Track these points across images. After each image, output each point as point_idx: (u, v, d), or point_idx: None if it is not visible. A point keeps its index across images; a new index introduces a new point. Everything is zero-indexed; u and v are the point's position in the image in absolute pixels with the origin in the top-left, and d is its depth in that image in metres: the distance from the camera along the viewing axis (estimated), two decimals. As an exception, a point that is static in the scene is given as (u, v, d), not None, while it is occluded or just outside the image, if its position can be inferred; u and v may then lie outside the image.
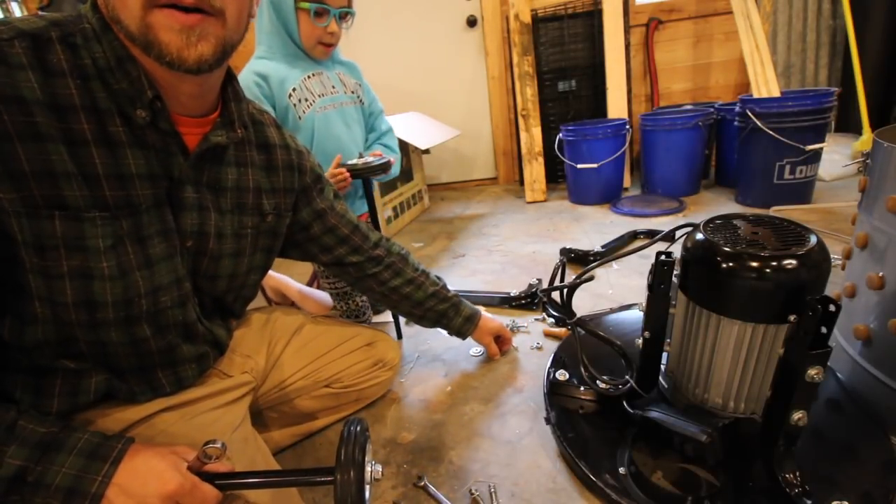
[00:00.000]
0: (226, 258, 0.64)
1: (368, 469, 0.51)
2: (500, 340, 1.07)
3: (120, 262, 0.50)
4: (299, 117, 1.04)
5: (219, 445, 0.47)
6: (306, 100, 1.05)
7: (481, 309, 1.05)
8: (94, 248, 0.48)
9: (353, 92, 1.14)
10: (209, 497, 0.50)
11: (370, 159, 1.02)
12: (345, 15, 1.04)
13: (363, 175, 1.02)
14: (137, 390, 0.59)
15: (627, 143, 2.08)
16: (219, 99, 0.60)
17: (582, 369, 0.85)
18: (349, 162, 1.03)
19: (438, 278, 0.98)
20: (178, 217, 0.57)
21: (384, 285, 0.89)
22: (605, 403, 0.82)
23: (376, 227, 1.12)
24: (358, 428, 0.52)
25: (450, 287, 1.45)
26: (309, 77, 1.06)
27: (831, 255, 0.61)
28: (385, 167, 1.03)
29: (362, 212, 1.21)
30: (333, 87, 1.11)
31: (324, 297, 1.33)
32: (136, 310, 0.53)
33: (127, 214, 0.51)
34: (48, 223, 0.46)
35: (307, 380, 0.83)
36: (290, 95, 1.03)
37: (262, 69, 1.03)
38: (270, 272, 1.47)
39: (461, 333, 1.00)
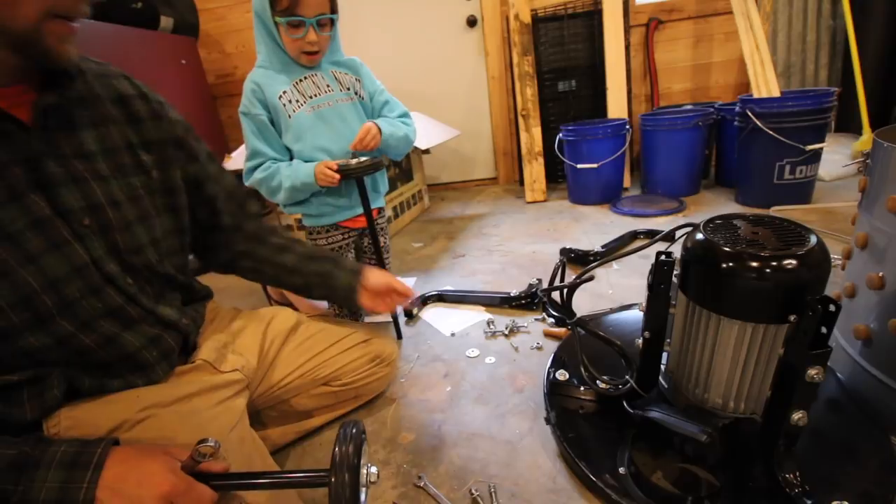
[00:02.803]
0: (136, 225, 0.61)
1: (364, 472, 0.51)
2: (394, 296, 0.89)
3: None
4: (289, 116, 1.06)
5: (212, 444, 0.47)
6: (297, 101, 1.07)
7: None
8: None
9: (349, 88, 1.14)
10: (205, 497, 0.49)
11: (363, 159, 1.03)
12: (324, 22, 1.03)
13: (356, 174, 1.02)
14: (104, 385, 0.58)
15: (627, 143, 2.07)
16: None
17: (582, 369, 0.85)
18: (341, 161, 1.03)
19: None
20: (56, 197, 0.52)
21: (256, 260, 0.83)
22: (605, 403, 0.82)
23: (371, 228, 1.12)
24: (354, 430, 0.52)
25: (450, 287, 1.46)
26: (301, 80, 1.08)
27: (831, 255, 0.61)
28: (377, 166, 1.04)
29: (376, 205, 1.22)
30: (328, 86, 1.11)
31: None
32: (41, 308, 0.51)
33: None
34: None
35: (305, 378, 0.83)
36: (281, 97, 1.06)
37: (257, 77, 1.06)
38: None
39: (350, 292, 0.84)
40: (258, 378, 0.78)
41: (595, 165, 2.04)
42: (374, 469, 0.52)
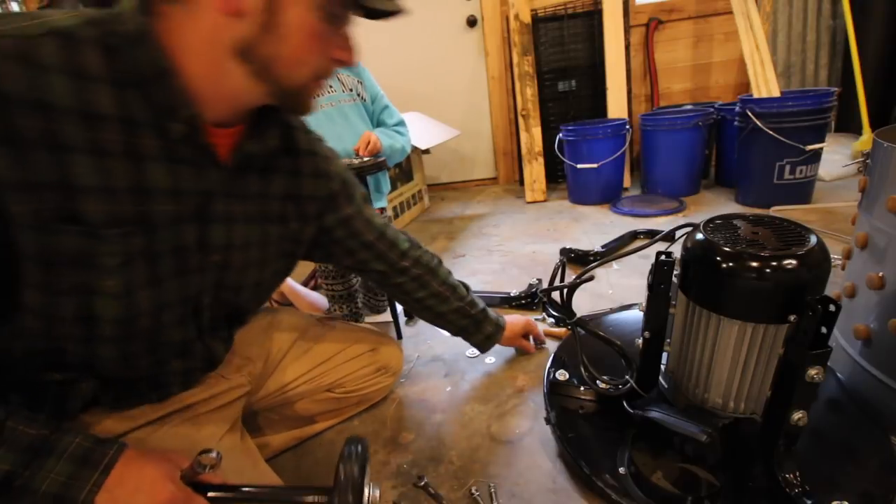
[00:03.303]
0: (251, 268, 0.61)
1: (367, 491, 0.49)
2: (529, 336, 1.06)
3: (127, 280, 0.47)
4: None
5: (213, 455, 0.46)
6: None
7: (505, 318, 1.02)
8: (103, 266, 0.45)
9: (351, 90, 1.16)
10: None
11: (365, 159, 1.03)
12: None
13: (359, 174, 1.03)
14: (122, 398, 0.58)
15: (627, 143, 2.07)
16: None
17: (582, 369, 0.85)
18: (345, 160, 1.04)
19: (467, 290, 0.94)
20: (206, 231, 0.53)
21: (408, 295, 0.88)
22: (605, 403, 0.82)
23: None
24: (359, 448, 0.50)
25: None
26: None
27: (831, 255, 0.61)
28: (380, 165, 1.04)
29: (379, 205, 1.23)
30: (331, 86, 1.13)
31: (318, 298, 1.33)
32: (135, 328, 0.51)
33: (141, 231, 0.47)
34: (60, 238, 0.42)
35: (310, 384, 0.82)
36: None
37: None
38: None
39: (481, 348, 0.99)
40: (262, 382, 0.78)
41: (595, 165, 2.04)
42: (377, 491, 0.50)
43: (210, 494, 0.49)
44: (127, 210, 0.45)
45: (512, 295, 1.29)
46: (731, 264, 0.60)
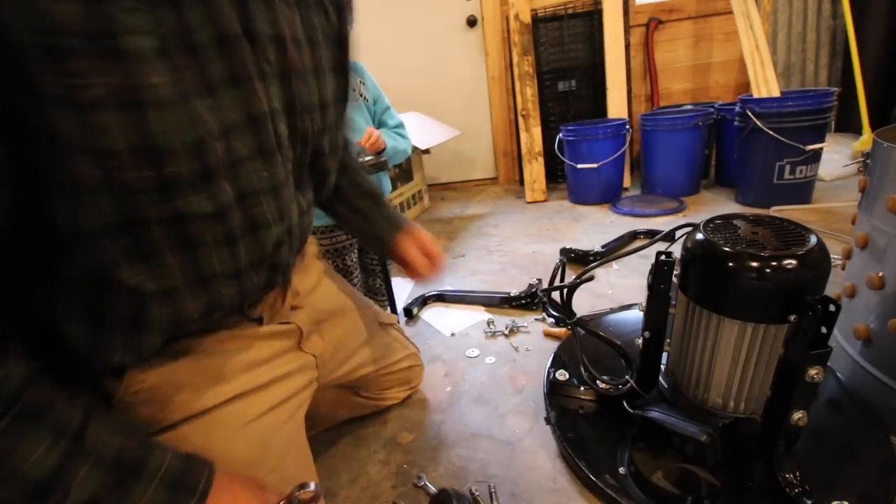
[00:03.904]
0: (310, 77, 0.47)
1: None
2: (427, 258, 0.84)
3: (176, 77, 0.34)
4: None
5: (312, 488, 0.42)
6: None
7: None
8: (134, 51, 0.31)
9: (353, 90, 1.16)
10: None
11: (367, 158, 1.03)
12: None
13: None
14: (206, 314, 0.45)
15: (627, 143, 2.07)
16: None
17: (582, 369, 0.85)
18: None
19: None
20: (247, 12, 0.38)
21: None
22: (605, 403, 0.82)
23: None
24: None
25: (450, 287, 1.46)
26: None
27: (831, 255, 0.61)
28: (380, 166, 1.04)
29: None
30: None
31: None
32: (211, 158, 0.37)
33: (165, 2, 0.33)
34: (57, 4, 0.28)
35: (349, 380, 0.78)
36: None
37: None
38: None
39: (382, 241, 0.78)
40: (323, 374, 0.68)
41: (595, 165, 2.04)
42: None
43: None
44: None
45: (512, 295, 1.29)
46: (731, 264, 0.60)
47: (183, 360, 0.48)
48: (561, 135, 2.15)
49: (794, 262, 0.57)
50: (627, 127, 2.06)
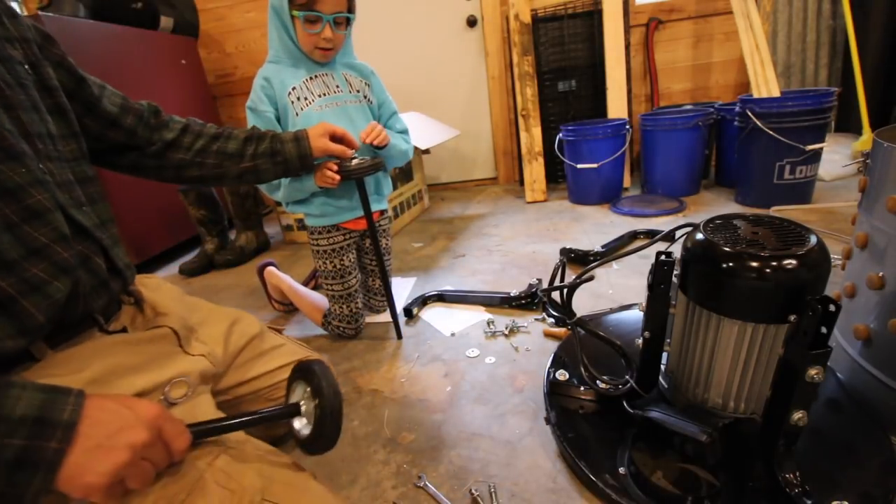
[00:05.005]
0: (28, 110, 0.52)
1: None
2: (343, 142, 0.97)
3: None
4: (296, 114, 1.07)
5: (186, 379, 0.44)
6: (305, 98, 1.07)
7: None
8: None
9: (358, 91, 1.16)
10: (185, 434, 0.46)
11: (365, 158, 1.03)
12: (340, 20, 1.04)
13: (356, 175, 1.02)
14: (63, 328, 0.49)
15: (627, 143, 2.08)
16: None
17: (582, 369, 0.85)
18: (342, 161, 1.03)
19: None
20: None
21: (190, 150, 0.78)
22: (605, 403, 0.82)
23: (371, 231, 1.12)
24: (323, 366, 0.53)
25: (450, 287, 1.46)
26: (311, 78, 1.09)
27: (831, 255, 0.61)
28: (377, 166, 1.04)
29: (379, 208, 1.22)
30: (338, 86, 1.12)
31: (319, 298, 1.33)
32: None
33: None
34: None
35: (250, 388, 0.75)
36: (290, 94, 1.06)
37: (267, 72, 1.07)
38: (272, 270, 1.48)
39: (303, 156, 0.90)
40: (223, 366, 0.69)
41: (595, 165, 2.04)
42: None
43: (192, 428, 0.48)
44: None
45: (512, 295, 1.29)
46: (731, 264, 0.60)
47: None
48: (561, 135, 2.15)
49: (794, 262, 0.57)
50: (627, 127, 2.06)
